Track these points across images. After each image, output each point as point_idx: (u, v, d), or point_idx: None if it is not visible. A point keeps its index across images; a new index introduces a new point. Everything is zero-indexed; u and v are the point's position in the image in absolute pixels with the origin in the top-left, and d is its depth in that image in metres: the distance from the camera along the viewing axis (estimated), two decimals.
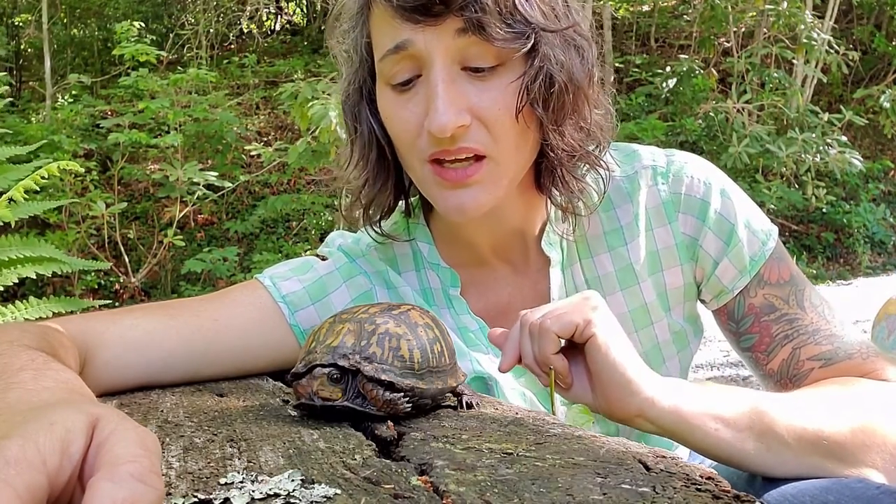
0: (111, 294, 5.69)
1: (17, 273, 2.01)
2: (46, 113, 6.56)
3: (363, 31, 0.85)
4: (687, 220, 0.91)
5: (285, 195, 6.28)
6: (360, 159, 0.90)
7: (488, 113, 0.78)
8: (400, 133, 0.83)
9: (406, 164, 0.86)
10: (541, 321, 0.72)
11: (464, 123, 0.77)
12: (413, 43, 0.77)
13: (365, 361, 0.63)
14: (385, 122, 0.85)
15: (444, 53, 0.77)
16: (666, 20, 9.12)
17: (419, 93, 0.80)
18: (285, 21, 10.63)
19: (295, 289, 0.91)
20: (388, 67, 0.81)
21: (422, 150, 0.81)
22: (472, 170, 0.80)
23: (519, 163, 0.84)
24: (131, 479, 0.36)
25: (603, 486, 0.46)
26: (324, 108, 3.98)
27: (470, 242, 0.93)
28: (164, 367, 0.82)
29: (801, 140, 6.15)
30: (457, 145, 0.78)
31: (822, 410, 0.78)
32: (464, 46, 0.77)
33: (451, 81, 0.78)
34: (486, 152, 0.79)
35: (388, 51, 0.79)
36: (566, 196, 0.87)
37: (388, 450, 0.56)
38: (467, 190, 0.81)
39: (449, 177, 0.80)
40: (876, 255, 7.20)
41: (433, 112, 0.77)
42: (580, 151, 0.84)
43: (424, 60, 0.78)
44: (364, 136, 0.88)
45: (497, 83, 0.79)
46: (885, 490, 0.65)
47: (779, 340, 0.88)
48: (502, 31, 0.76)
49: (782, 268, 0.91)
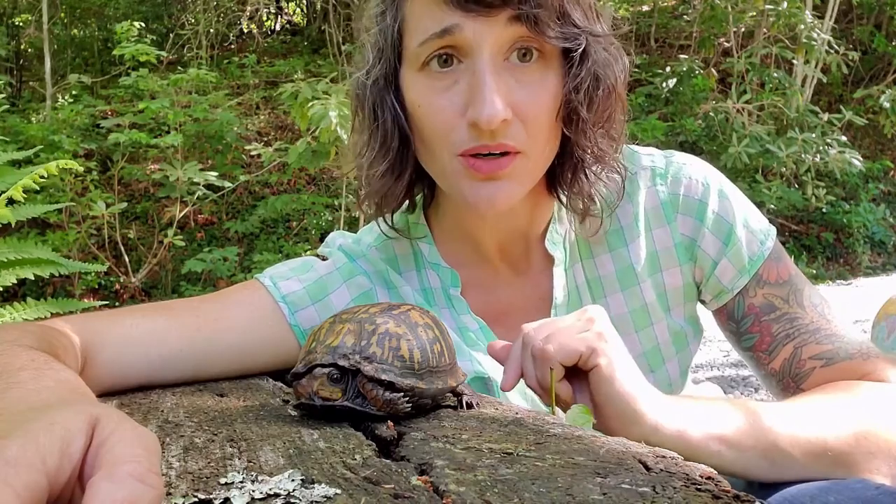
0: (111, 294, 5.69)
1: (14, 274, 2.01)
2: (46, 113, 6.55)
3: (397, 13, 0.83)
4: (685, 221, 0.91)
5: (285, 195, 6.27)
6: (380, 147, 0.86)
7: (529, 110, 0.78)
8: (434, 122, 0.80)
9: (431, 155, 0.84)
10: (543, 348, 0.71)
11: (507, 118, 0.76)
12: (461, 29, 0.76)
13: (365, 361, 0.63)
14: (415, 111, 0.82)
15: (493, 44, 0.76)
16: (666, 20, 9.12)
17: (458, 82, 0.78)
18: (285, 21, 10.63)
19: (295, 289, 0.91)
20: (425, 51, 0.79)
21: (455, 144, 0.79)
22: (504, 161, 0.79)
23: (547, 160, 0.84)
24: (131, 479, 0.36)
25: (603, 486, 0.46)
26: (324, 108, 3.97)
27: (475, 241, 0.93)
28: (164, 366, 0.82)
29: (801, 140, 6.15)
30: (496, 141, 0.77)
31: (826, 420, 0.78)
32: (512, 38, 0.77)
33: (498, 73, 0.77)
34: (521, 149, 0.79)
35: (434, 34, 0.77)
36: (578, 198, 0.87)
37: (388, 450, 0.56)
38: (499, 183, 0.80)
39: (482, 168, 0.79)
40: (876, 255, 7.20)
41: (481, 102, 0.75)
42: (607, 154, 0.85)
43: (471, 49, 0.77)
44: (388, 123, 0.85)
45: (539, 79, 0.79)
46: (884, 490, 0.65)
47: (780, 340, 0.88)
48: (556, 28, 0.76)
49: (781, 267, 0.91)
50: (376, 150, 0.87)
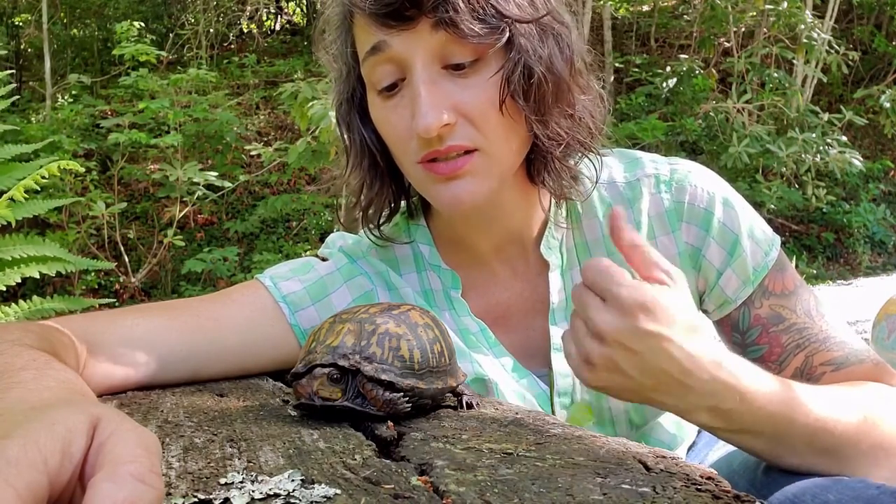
0: (111, 294, 5.69)
1: (20, 272, 2.01)
2: (46, 113, 6.56)
3: (347, 39, 0.86)
4: (690, 230, 0.91)
5: (285, 195, 6.27)
6: (353, 166, 0.92)
7: (472, 109, 0.79)
8: (391, 138, 0.84)
9: (402, 167, 0.87)
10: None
11: (449, 122, 0.78)
12: (390, 45, 0.78)
13: (365, 361, 0.63)
14: (378, 129, 0.86)
15: (422, 55, 0.78)
16: (666, 20, 9.12)
17: (405, 97, 0.81)
18: (285, 21, 10.63)
19: (295, 289, 0.91)
20: (370, 72, 0.82)
21: (412, 153, 0.82)
22: (462, 161, 0.80)
23: (510, 154, 0.84)
24: (131, 479, 0.36)
25: (603, 486, 0.46)
26: (324, 108, 3.97)
27: (470, 244, 0.93)
28: (164, 366, 0.82)
29: (801, 140, 6.15)
30: (445, 144, 0.79)
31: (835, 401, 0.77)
32: (440, 45, 0.77)
33: (433, 82, 0.78)
34: (475, 146, 0.80)
35: (367, 52, 0.80)
36: (558, 184, 0.87)
37: (388, 450, 0.56)
38: (460, 181, 0.81)
39: (440, 170, 0.80)
40: (876, 255, 7.20)
41: (417, 115, 0.77)
42: (567, 139, 0.84)
43: (405, 63, 0.79)
44: (356, 144, 0.90)
45: (478, 79, 0.79)
46: (884, 490, 0.65)
47: (790, 350, 0.88)
48: (476, 27, 0.76)
49: (786, 278, 0.90)
50: (351, 166, 0.92)
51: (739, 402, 0.71)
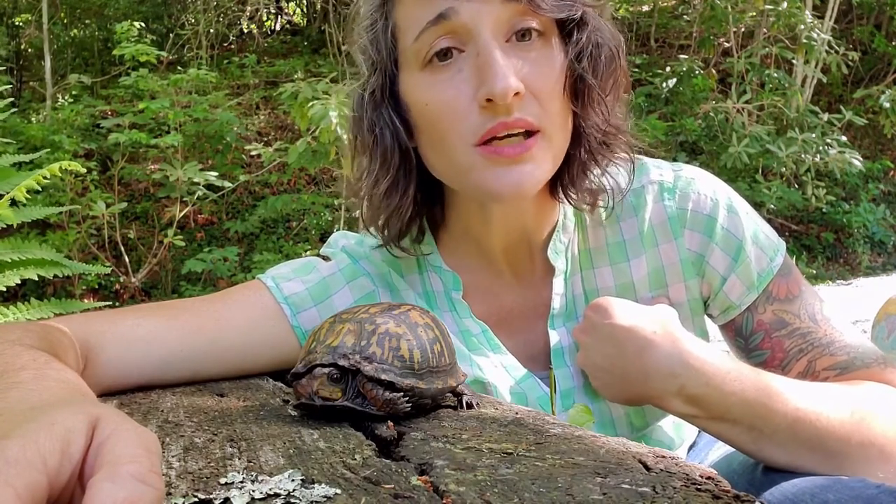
0: (111, 294, 5.69)
1: (18, 274, 2.01)
2: (47, 113, 6.55)
3: (388, 19, 0.82)
4: (693, 237, 0.90)
5: (285, 195, 6.27)
6: (381, 167, 0.85)
7: (538, 83, 0.77)
8: (445, 115, 0.79)
9: (444, 155, 0.82)
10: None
11: (521, 90, 0.75)
12: (457, 13, 0.76)
13: (365, 361, 0.63)
14: (422, 111, 0.81)
15: (492, 24, 0.76)
16: (666, 20, 9.11)
17: (463, 69, 0.78)
18: (285, 21, 10.62)
19: (297, 290, 0.91)
20: (425, 45, 0.78)
21: (470, 133, 0.78)
22: (529, 142, 0.77)
23: (564, 142, 0.83)
24: (131, 479, 0.36)
25: (603, 486, 0.46)
26: (324, 108, 3.97)
27: (481, 245, 0.92)
28: (164, 366, 0.82)
29: (801, 140, 6.14)
30: (513, 116, 0.76)
31: (823, 396, 0.78)
32: (509, 17, 0.76)
33: (503, 50, 0.76)
34: (539, 125, 0.78)
35: (429, 22, 0.77)
36: (582, 193, 0.86)
37: (388, 450, 0.56)
38: (524, 166, 0.78)
39: (506, 152, 0.77)
40: (876, 255, 7.20)
41: (493, 77, 0.74)
42: (613, 131, 0.84)
43: (468, 33, 0.76)
44: (387, 139, 0.84)
45: (542, 54, 0.78)
46: (884, 489, 0.65)
47: (793, 355, 0.87)
48: (550, 1, 0.76)
49: (791, 283, 0.90)
50: (377, 169, 0.86)
51: (706, 386, 0.73)
